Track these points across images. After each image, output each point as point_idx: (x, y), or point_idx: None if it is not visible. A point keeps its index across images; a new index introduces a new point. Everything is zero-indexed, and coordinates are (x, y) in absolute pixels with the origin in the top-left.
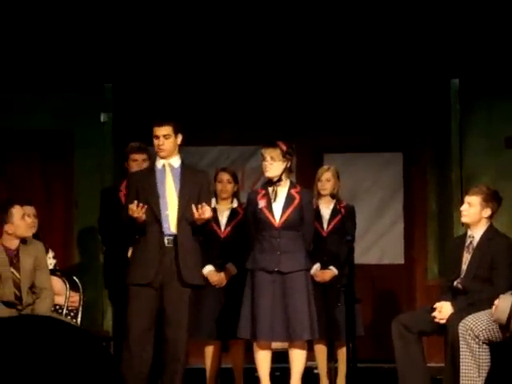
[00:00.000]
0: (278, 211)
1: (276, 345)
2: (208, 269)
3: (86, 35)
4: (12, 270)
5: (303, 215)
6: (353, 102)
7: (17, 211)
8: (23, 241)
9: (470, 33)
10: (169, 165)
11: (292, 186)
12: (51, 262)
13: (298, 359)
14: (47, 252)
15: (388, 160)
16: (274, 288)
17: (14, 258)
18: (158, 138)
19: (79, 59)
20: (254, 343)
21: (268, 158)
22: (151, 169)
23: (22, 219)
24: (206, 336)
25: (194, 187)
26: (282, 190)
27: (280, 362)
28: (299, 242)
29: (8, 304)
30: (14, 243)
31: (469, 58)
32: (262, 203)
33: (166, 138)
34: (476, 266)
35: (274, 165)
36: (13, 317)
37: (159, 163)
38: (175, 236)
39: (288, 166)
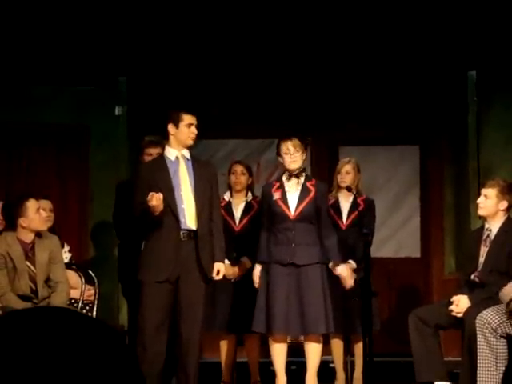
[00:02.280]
0: (293, 203)
1: (290, 338)
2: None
3: (100, 29)
4: (27, 263)
5: (319, 207)
6: (369, 95)
7: (31, 205)
8: (38, 235)
9: (487, 24)
10: (182, 156)
11: (307, 178)
12: (67, 255)
13: (313, 353)
14: (63, 246)
15: (404, 153)
16: (289, 281)
17: (29, 252)
18: (191, 125)
19: (93, 53)
20: (269, 337)
21: (292, 150)
22: (162, 160)
23: (37, 213)
24: (221, 330)
25: (207, 180)
26: (298, 182)
27: (296, 355)
28: (314, 234)
29: (24, 297)
30: (29, 237)
31: (486, 50)
32: (276, 195)
33: (196, 127)
34: (493, 259)
35: (297, 156)
36: (28, 308)
37: (171, 154)
38: (191, 231)
39: (305, 158)
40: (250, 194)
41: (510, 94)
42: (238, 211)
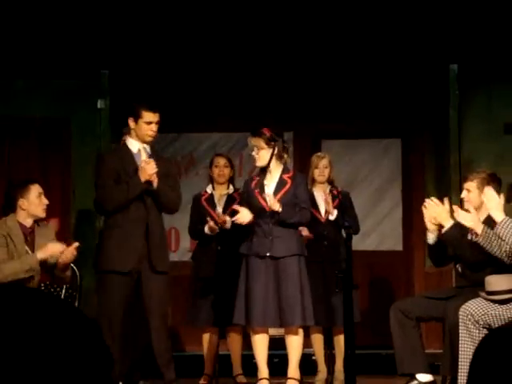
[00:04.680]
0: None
1: (273, 331)
2: (206, 227)
3: (82, 21)
4: (26, 247)
5: (296, 196)
6: (351, 89)
7: (35, 188)
8: (37, 223)
9: (469, 18)
10: (144, 149)
11: (285, 171)
12: None
13: (294, 346)
14: None
15: (386, 146)
16: (267, 273)
17: (28, 236)
18: (151, 123)
19: (75, 46)
20: (250, 329)
21: (254, 148)
22: (126, 151)
23: (39, 198)
24: (204, 323)
25: (166, 175)
26: (274, 176)
27: (278, 348)
28: (290, 226)
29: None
30: (28, 221)
31: (467, 44)
32: (254, 188)
33: (157, 124)
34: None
35: (260, 153)
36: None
37: (133, 146)
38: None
39: (275, 151)
40: (231, 186)
41: (492, 87)
42: (220, 204)
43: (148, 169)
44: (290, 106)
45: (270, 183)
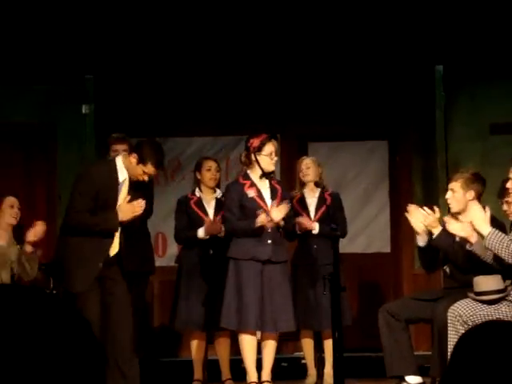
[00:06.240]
0: (267, 201)
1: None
2: (201, 229)
3: (66, 26)
4: None
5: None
6: (336, 91)
7: (8, 200)
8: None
9: (454, 19)
10: (127, 180)
11: (272, 177)
12: None
13: (271, 351)
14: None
15: (373, 148)
16: (261, 278)
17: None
18: (147, 175)
19: (60, 51)
20: (240, 333)
21: (274, 153)
22: (113, 170)
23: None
24: (192, 327)
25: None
26: (266, 182)
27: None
28: (281, 233)
29: None
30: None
31: (453, 45)
32: (251, 193)
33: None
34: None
35: (276, 159)
36: None
37: (121, 173)
38: None
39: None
40: (218, 190)
41: (477, 88)
42: (210, 208)
43: (133, 211)
44: (277, 109)
45: (264, 188)
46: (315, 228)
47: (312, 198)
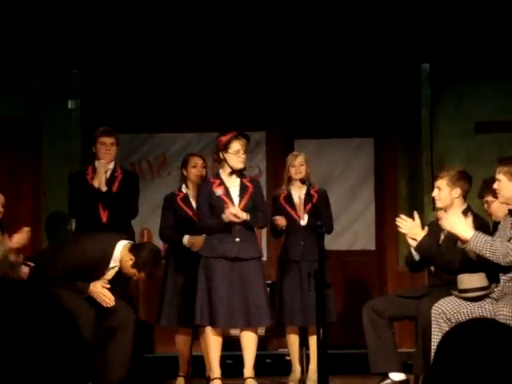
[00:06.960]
0: (235, 199)
1: (235, 332)
2: (186, 237)
3: (51, 21)
4: None
5: (255, 201)
6: (323, 89)
7: None
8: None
9: (441, 17)
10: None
11: (243, 175)
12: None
13: (252, 346)
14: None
15: (359, 145)
16: (232, 275)
17: None
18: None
19: (45, 46)
20: (209, 330)
21: (242, 151)
22: (106, 262)
23: None
24: (176, 323)
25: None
26: (236, 180)
27: (231, 349)
28: (253, 229)
29: None
30: None
31: (439, 43)
32: (219, 191)
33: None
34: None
35: (244, 156)
36: None
37: (114, 262)
38: None
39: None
40: None
41: (463, 86)
42: (195, 203)
43: (101, 298)
44: (263, 106)
45: (233, 186)
46: (304, 219)
47: (299, 195)
